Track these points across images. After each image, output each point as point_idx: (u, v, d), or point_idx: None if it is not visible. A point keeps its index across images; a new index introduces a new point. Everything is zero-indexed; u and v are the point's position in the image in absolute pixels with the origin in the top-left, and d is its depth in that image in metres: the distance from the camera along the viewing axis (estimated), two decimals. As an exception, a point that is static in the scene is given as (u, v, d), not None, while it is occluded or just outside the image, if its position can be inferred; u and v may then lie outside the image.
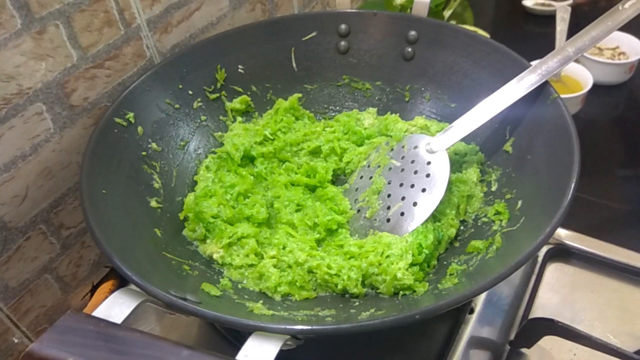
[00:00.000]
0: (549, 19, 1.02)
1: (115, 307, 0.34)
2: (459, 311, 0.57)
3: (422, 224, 0.52)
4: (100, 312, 0.33)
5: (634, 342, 0.57)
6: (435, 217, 0.53)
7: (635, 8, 0.50)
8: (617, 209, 0.75)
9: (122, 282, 0.65)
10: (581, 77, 0.93)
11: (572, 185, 0.44)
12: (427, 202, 0.52)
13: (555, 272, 0.65)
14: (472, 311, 0.58)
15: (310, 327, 0.36)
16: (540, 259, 0.65)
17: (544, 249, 0.66)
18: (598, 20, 0.52)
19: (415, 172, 0.55)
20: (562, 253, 0.66)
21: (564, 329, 0.52)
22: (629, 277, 0.63)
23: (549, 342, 0.56)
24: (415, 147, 0.56)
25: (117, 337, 0.30)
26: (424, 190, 0.53)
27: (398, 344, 0.56)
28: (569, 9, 1.01)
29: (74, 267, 0.63)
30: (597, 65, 0.96)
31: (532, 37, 1.12)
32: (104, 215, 0.46)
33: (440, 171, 0.53)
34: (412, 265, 0.49)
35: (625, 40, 1.00)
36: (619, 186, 0.80)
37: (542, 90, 0.53)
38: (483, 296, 0.59)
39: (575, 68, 0.94)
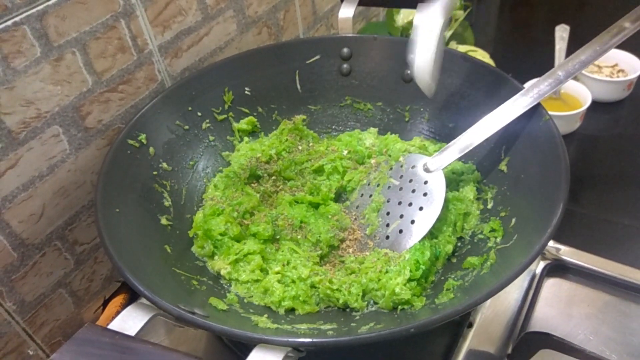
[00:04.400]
0: (549, 38, 1.04)
1: (129, 320, 0.36)
2: (458, 325, 0.59)
3: (419, 241, 0.54)
4: (115, 325, 0.36)
5: (629, 357, 0.59)
6: (432, 234, 0.56)
7: (622, 35, 0.53)
8: (615, 224, 0.76)
9: (132, 296, 0.67)
10: (580, 95, 0.95)
11: (561, 206, 0.46)
12: (424, 220, 0.54)
13: (552, 287, 0.66)
14: (470, 325, 0.60)
15: (310, 340, 0.38)
16: (537, 274, 0.67)
17: (542, 265, 0.67)
18: (587, 46, 0.55)
19: (413, 191, 0.57)
20: (559, 268, 0.68)
21: (559, 342, 0.53)
22: (625, 292, 0.65)
23: (546, 356, 0.58)
24: (413, 167, 0.58)
25: (131, 348, 0.33)
26: (421, 208, 0.55)
27: (398, 357, 0.58)
28: (567, 28, 1.03)
29: (87, 281, 0.65)
30: (596, 82, 0.98)
31: (532, 55, 1.14)
32: (117, 233, 0.49)
33: (437, 190, 0.55)
34: (410, 280, 0.51)
35: (624, 58, 1.02)
36: (617, 201, 0.81)
37: (534, 112, 0.56)
38: (481, 310, 0.61)
39: (575, 86, 0.96)
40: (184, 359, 0.32)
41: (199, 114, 0.67)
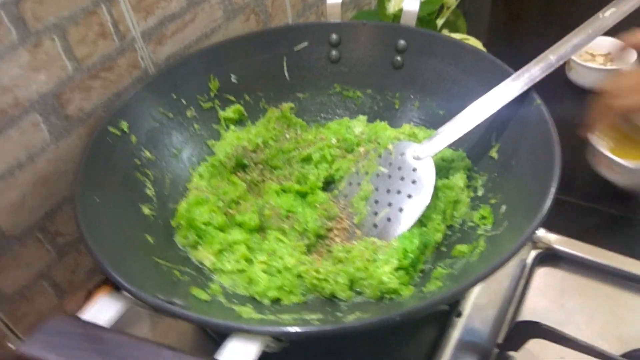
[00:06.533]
0: (543, 29, 1.03)
1: (102, 311, 0.35)
2: (447, 315, 0.58)
3: (408, 230, 0.53)
4: (87, 315, 0.34)
5: (621, 345, 0.58)
6: (421, 222, 0.54)
7: (615, 17, 0.52)
8: (607, 213, 0.75)
9: (117, 289, 0.66)
10: None
11: (552, 190, 0.44)
12: (413, 208, 0.53)
13: (544, 277, 0.66)
14: (460, 315, 0.59)
15: (290, 330, 0.37)
16: (529, 264, 0.66)
17: (533, 254, 0.66)
18: (579, 29, 0.53)
19: (402, 179, 0.56)
20: (551, 257, 0.67)
21: (549, 331, 0.52)
22: (618, 281, 0.64)
23: (537, 346, 0.57)
24: (402, 154, 0.57)
25: (103, 339, 0.32)
26: (409, 196, 0.54)
27: (386, 348, 0.57)
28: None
29: (69, 273, 0.64)
30: (589, 71, 0.97)
31: (526, 46, 1.12)
32: (95, 221, 0.48)
33: (426, 178, 0.54)
34: (397, 269, 0.50)
35: (618, 46, 1.01)
36: (610, 190, 0.80)
37: (526, 97, 0.55)
38: (471, 300, 0.60)
39: None
40: (156, 349, 0.31)
41: (184, 101, 0.65)
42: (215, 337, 0.57)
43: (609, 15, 0.52)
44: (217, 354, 0.33)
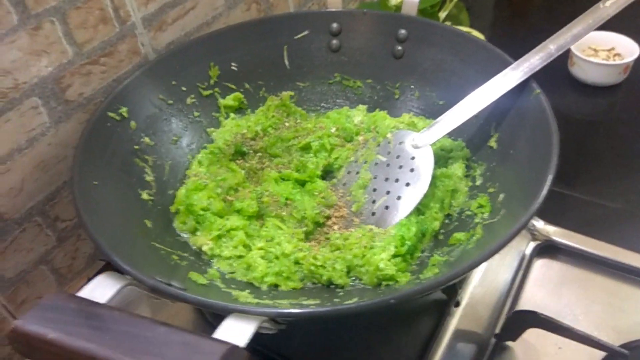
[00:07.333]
0: (547, 26, 1.02)
1: (99, 289, 0.35)
2: (445, 304, 0.58)
3: (405, 217, 0.53)
4: (84, 292, 0.35)
5: (618, 336, 0.58)
6: (419, 210, 0.54)
7: (616, 6, 0.51)
8: (607, 207, 0.75)
9: (117, 272, 0.66)
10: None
11: (549, 178, 0.44)
12: (410, 196, 0.53)
13: (542, 268, 0.66)
14: (458, 304, 0.59)
15: (286, 311, 0.37)
16: (527, 255, 0.66)
17: (532, 245, 0.66)
18: (579, 19, 0.53)
19: (400, 167, 0.56)
20: (550, 249, 0.66)
21: (547, 321, 0.52)
22: (616, 273, 0.64)
23: (534, 336, 0.57)
24: (401, 143, 0.57)
25: (98, 314, 0.32)
26: (407, 184, 0.54)
27: (384, 336, 0.57)
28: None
29: (69, 259, 0.64)
30: (592, 66, 0.97)
31: (531, 41, 1.12)
32: (93, 204, 0.48)
33: (424, 166, 0.54)
34: (394, 256, 0.50)
35: (621, 41, 1.00)
36: (611, 185, 0.80)
37: (525, 87, 0.54)
38: (469, 290, 0.60)
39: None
40: (151, 325, 0.31)
41: (184, 88, 0.65)
42: (215, 323, 0.57)
43: (609, 5, 0.52)
44: (215, 332, 0.33)
